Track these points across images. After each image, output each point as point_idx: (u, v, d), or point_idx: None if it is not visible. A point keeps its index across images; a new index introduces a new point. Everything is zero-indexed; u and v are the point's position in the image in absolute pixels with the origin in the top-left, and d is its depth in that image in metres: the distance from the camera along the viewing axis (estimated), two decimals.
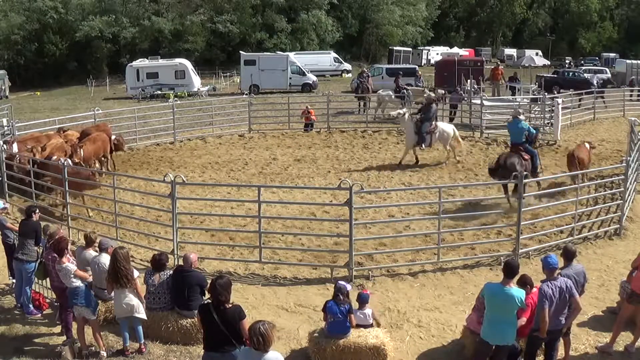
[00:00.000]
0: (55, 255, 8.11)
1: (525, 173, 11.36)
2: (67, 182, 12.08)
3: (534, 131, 14.84)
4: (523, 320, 7.28)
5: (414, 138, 17.90)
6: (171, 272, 8.49)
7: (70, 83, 54.72)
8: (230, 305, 6.21)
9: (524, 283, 7.23)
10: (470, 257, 10.99)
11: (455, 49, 62.99)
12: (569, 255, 7.59)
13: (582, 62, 62.88)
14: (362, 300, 8.01)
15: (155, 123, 23.45)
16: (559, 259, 7.39)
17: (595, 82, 33.38)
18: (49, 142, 15.83)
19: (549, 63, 51.14)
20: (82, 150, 15.51)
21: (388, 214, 13.29)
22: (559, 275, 7.10)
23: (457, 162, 18.22)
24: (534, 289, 7.51)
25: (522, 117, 14.71)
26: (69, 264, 7.93)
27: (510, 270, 6.86)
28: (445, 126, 18.61)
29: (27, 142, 16.36)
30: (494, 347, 6.96)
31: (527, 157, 13.80)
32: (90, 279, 8.14)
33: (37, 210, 9.72)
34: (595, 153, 18.29)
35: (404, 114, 18.22)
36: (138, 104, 34.10)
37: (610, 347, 7.98)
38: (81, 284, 7.91)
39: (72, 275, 7.85)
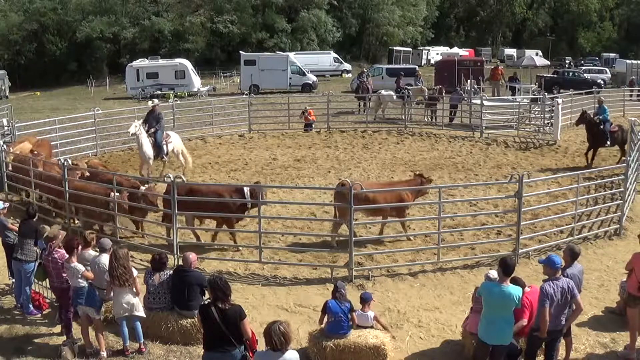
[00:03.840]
0: (56, 256, 8.12)
1: (525, 172, 11.35)
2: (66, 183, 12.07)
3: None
4: (524, 322, 7.27)
5: (152, 151, 16.29)
6: (171, 272, 8.50)
7: (70, 83, 54.71)
8: (230, 305, 6.22)
9: (516, 284, 7.22)
10: (470, 257, 10.99)
11: (455, 49, 62.90)
12: (573, 256, 7.59)
13: (582, 62, 62.87)
14: (364, 300, 8.02)
15: None
16: (562, 259, 7.40)
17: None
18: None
19: (549, 63, 51.07)
20: None
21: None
22: (562, 276, 7.10)
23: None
24: (527, 289, 7.53)
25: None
26: (78, 264, 7.95)
27: (506, 268, 6.86)
28: (173, 135, 17.45)
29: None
30: (491, 347, 6.96)
31: None
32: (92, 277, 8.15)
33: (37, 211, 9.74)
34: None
35: (139, 126, 16.02)
36: (138, 104, 34.04)
37: (632, 353, 7.93)
38: (86, 284, 7.94)
39: (79, 275, 7.88)
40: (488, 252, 11.31)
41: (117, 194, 11.43)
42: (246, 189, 11.27)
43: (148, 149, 16.18)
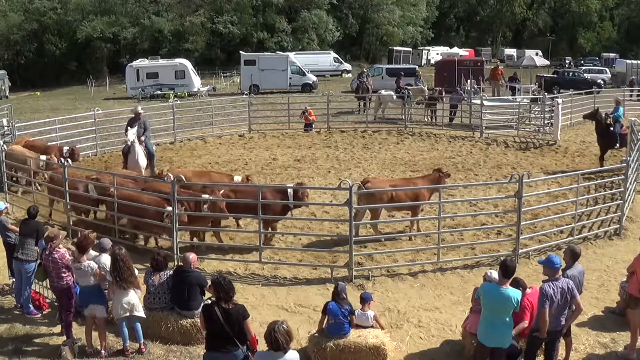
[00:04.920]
0: (56, 256, 8.11)
1: (524, 172, 11.35)
2: (66, 183, 12.04)
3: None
4: (525, 324, 7.27)
5: (145, 160, 15.80)
6: (171, 272, 8.50)
7: (70, 83, 54.71)
8: (233, 305, 6.23)
9: (517, 285, 7.23)
10: (470, 257, 10.99)
11: (455, 49, 62.89)
12: (574, 257, 7.58)
13: (582, 62, 62.85)
14: (364, 300, 8.02)
15: (155, 123, 23.39)
16: (562, 259, 7.39)
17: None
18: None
19: (549, 63, 51.07)
20: None
21: (388, 214, 13.29)
22: (561, 276, 7.10)
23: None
24: (528, 291, 7.52)
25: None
26: (91, 262, 7.96)
27: (506, 270, 6.84)
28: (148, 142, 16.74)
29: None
30: (491, 348, 6.96)
31: None
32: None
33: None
34: (595, 153, 18.35)
35: (135, 135, 15.53)
36: (138, 104, 34.06)
37: (632, 353, 7.92)
38: (96, 282, 7.95)
39: (92, 274, 7.88)
40: (488, 252, 11.31)
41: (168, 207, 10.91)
42: (289, 190, 11.27)
43: (142, 159, 15.70)
